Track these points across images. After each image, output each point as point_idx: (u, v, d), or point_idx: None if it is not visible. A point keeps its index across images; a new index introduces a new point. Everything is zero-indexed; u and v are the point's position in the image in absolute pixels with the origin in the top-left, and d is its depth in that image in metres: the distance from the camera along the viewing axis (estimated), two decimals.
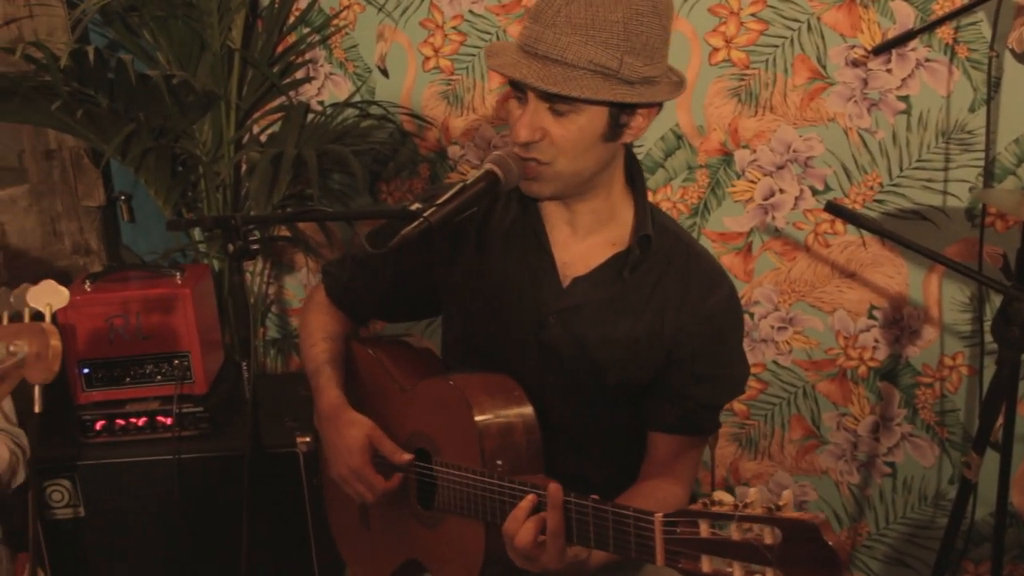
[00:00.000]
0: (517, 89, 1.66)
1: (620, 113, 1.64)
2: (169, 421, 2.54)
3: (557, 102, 1.61)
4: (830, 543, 1.16)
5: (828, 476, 2.95)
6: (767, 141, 2.75)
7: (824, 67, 2.67)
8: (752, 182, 2.80)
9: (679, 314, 1.76)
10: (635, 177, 1.81)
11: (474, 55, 2.89)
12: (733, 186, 2.81)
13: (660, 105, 1.69)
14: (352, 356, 2.03)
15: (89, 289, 2.54)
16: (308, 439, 2.49)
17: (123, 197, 3.06)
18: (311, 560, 2.58)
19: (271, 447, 2.50)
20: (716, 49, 2.73)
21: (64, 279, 2.94)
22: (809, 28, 2.65)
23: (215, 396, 2.61)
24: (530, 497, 1.54)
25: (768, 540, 1.20)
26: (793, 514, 1.20)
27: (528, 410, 1.72)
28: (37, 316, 1.52)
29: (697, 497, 1.37)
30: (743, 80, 2.73)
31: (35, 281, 2.85)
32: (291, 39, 2.99)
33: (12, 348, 1.46)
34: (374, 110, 2.96)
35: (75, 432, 2.55)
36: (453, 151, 3.00)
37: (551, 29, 1.59)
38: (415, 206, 1.61)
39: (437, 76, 2.95)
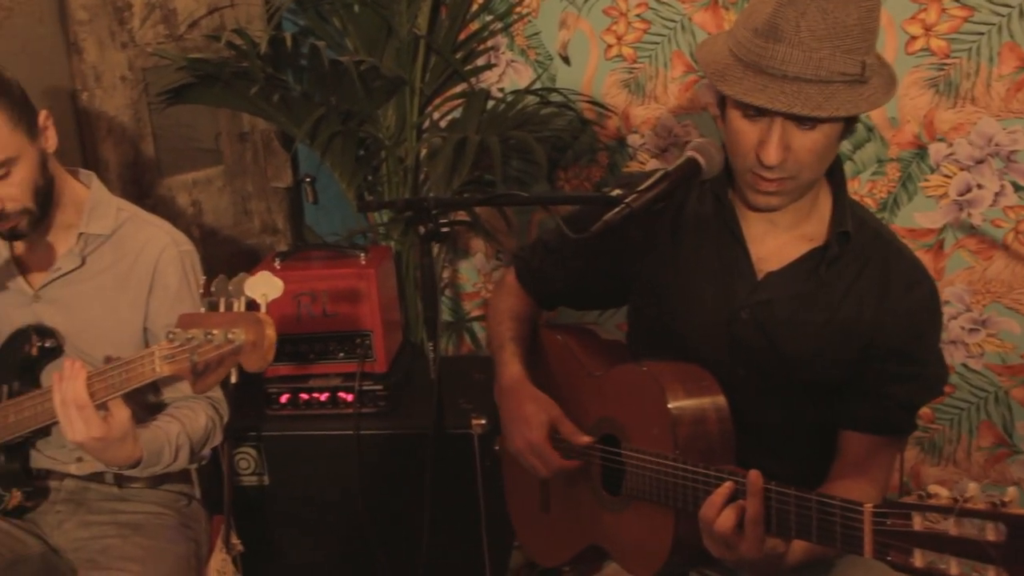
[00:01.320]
0: (751, 107, 1.60)
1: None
2: (350, 398, 2.61)
3: (807, 118, 1.57)
4: None
5: (1020, 487, 2.80)
6: (966, 134, 2.63)
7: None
8: (947, 176, 2.68)
9: (877, 311, 1.70)
10: (834, 171, 1.76)
11: (658, 43, 2.86)
12: (926, 180, 2.70)
13: None
14: (539, 341, 2.04)
15: (279, 267, 2.63)
16: (483, 421, 2.53)
17: (308, 179, 3.15)
18: (480, 540, 2.60)
19: (446, 428, 2.53)
20: (914, 37, 2.63)
21: (252, 257, 3.07)
22: (1021, 14, 2.51)
23: (394, 375, 2.67)
24: (728, 484, 1.51)
25: (991, 536, 1.14)
26: (1020, 510, 1.13)
27: (721, 400, 1.70)
28: (250, 305, 1.56)
29: None
30: (942, 70, 2.62)
31: (227, 259, 2.99)
32: (474, 27, 3.03)
33: (231, 335, 1.50)
34: (554, 98, 2.97)
35: (261, 403, 2.65)
36: (633, 139, 2.98)
37: (797, 48, 1.53)
38: (615, 192, 1.60)
39: (619, 64, 2.93)
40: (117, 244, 1.97)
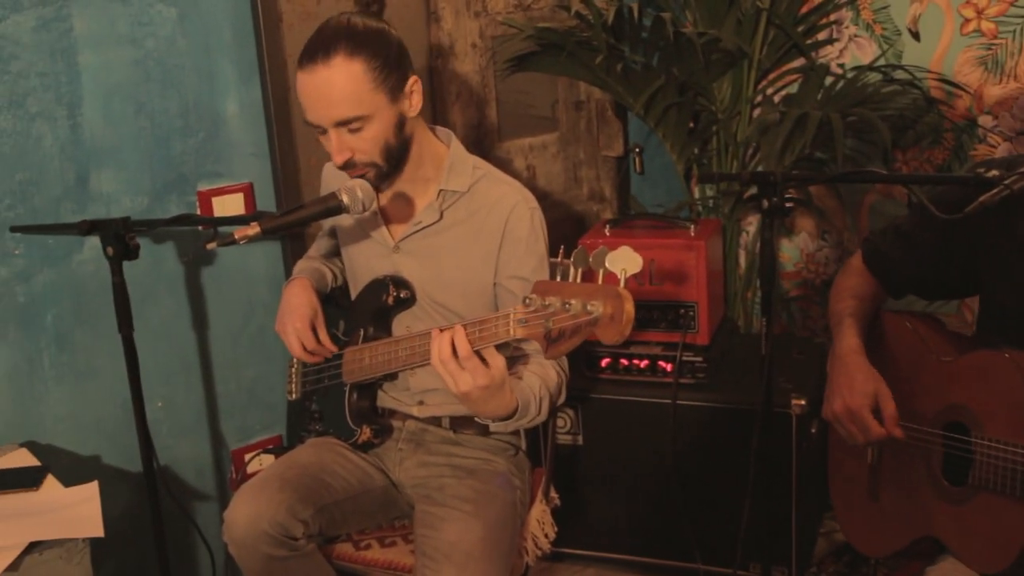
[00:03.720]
0: None
1: None
2: (669, 367, 2.63)
3: None
4: None
5: None
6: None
7: None
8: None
9: None
10: None
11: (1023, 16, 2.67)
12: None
13: None
14: (883, 324, 1.99)
15: (609, 234, 2.69)
16: (803, 402, 2.48)
17: (638, 150, 3.20)
18: (790, 522, 2.56)
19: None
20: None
21: (579, 223, 3.16)
22: None
23: (714, 349, 2.66)
24: None
25: None
26: None
27: None
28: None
29: None
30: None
31: (555, 224, 3.08)
32: (817, 0, 2.93)
33: (590, 307, 1.50)
34: (899, 75, 2.83)
35: (582, 365, 2.72)
36: (984, 121, 2.80)
37: None
38: (991, 173, 1.52)
39: (976, 40, 2.75)
40: (471, 199, 2.08)
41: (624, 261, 1.52)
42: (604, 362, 2.70)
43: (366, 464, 2.16)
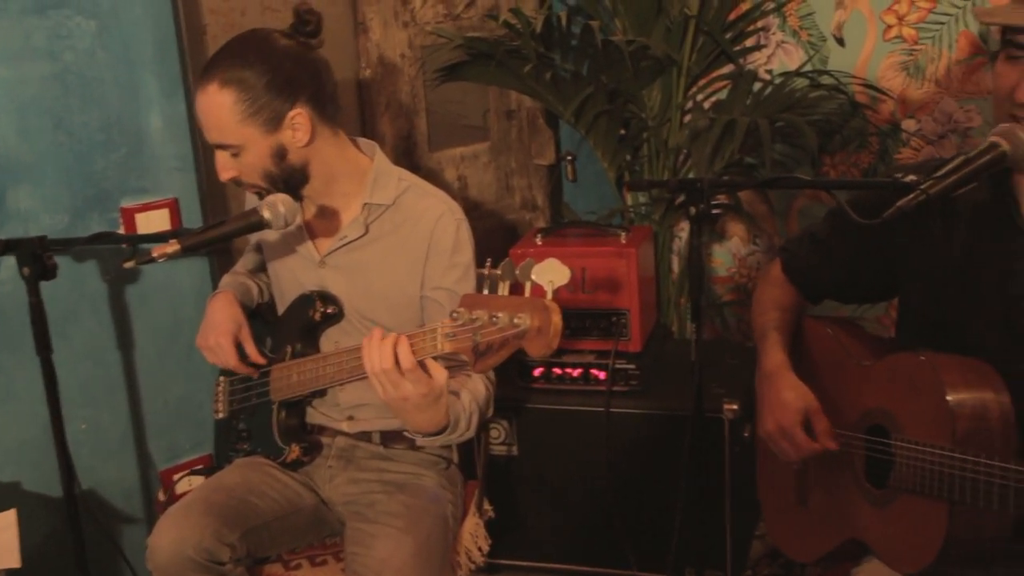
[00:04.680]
0: (1014, 47, 1.54)
1: None
2: (603, 375, 2.63)
3: None
4: None
5: None
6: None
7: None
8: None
9: None
10: None
11: (944, 23, 2.72)
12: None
13: None
14: (804, 331, 2.00)
15: (540, 243, 2.68)
16: (735, 406, 2.49)
17: (569, 157, 3.20)
18: (723, 526, 2.57)
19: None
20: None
21: (511, 232, 3.15)
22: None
23: (647, 355, 2.67)
24: None
25: None
26: None
27: (1005, 397, 1.60)
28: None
29: None
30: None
31: (487, 233, 3.07)
32: (745, 7, 2.97)
33: (516, 320, 1.49)
34: (825, 80, 2.87)
35: (515, 376, 2.71)
36: (908, 125, 2.85)
37: None
38: (909, 178, 1.54)
39: (898, 46, 2.80)
40: (397, 212, 2.06)
41: (551, 273, 1.52)
42: (537, 372, 2.69)
43: (295, 483, 2.13)
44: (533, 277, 1.50)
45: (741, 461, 2.53)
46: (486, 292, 1.58)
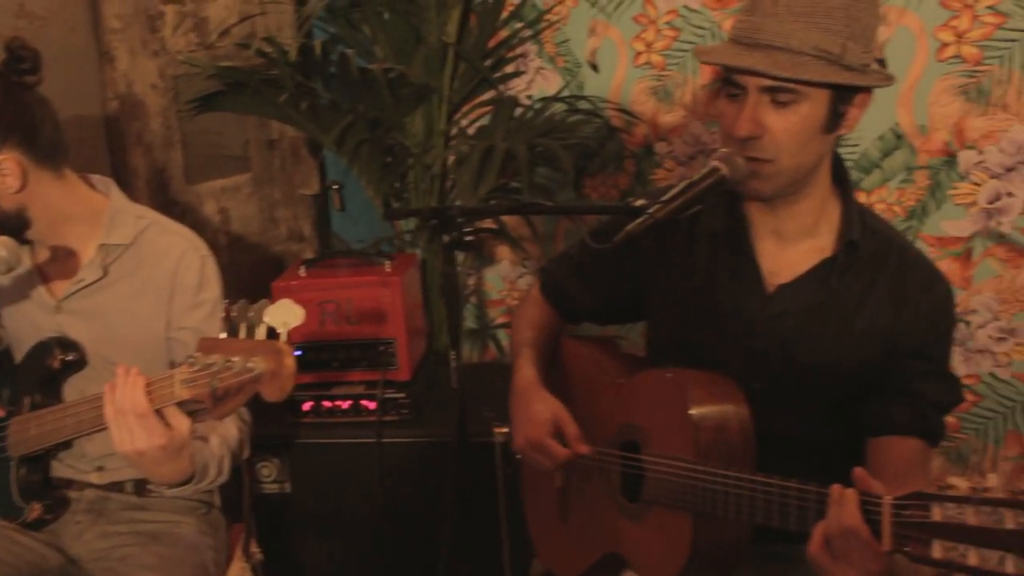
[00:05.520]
0: (732, 85, 1.62)
1: (839, 102, 1.60)
2: (373, 406, 2.61)
3: (780, 92, 1.57)
4: None
5: None
6: (996, 142, 2.59)
7: None
8: (976, 184, 2.64)
9: (897, 317, 1.68)
10: (842, 178, 1.74)
11: (687, 51, 2.84)
12: (955, 188, 2.66)
13: (872, 94, 1.63)
14: (562, 350, 2.04)
15: (304, 275, 2.64)
16: (505, 430, 2.51)
17: (336, 186, 3.16)
18: (501, 548, 2.59)
19: (468, 436, 2.52)
20: (945, 44, 2.60)
21: (278, 264, 3.08)
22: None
23: (417, 383, 2.66)
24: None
25: (1009, 524, 1.12)
26: None
27: (744, 409, 1.68)
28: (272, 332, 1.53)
29: None
30: (973, 77, 2.59)
31: (253, 267, 2.99)
32: (503, 34, 3.01)
33: (250, 364, 1.48)
34: (582, 105, 2.96)
35: (284, 411, 2.64)
36: (660, 147, 2.96)
37: (771, 18, 1.56)
38: (639, 202, 1.60)
39: (648, 72, 2.91)
40: (138, 251, 1.98)
41: (285, 314, 1.51)
42: (306, 406, 2.64)
43: (38, 544, 1.99)
44: (266, 319, 1.49)
45: (515, 484, 2.56)
46: (224, 335, 1.55)
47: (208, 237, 2.11)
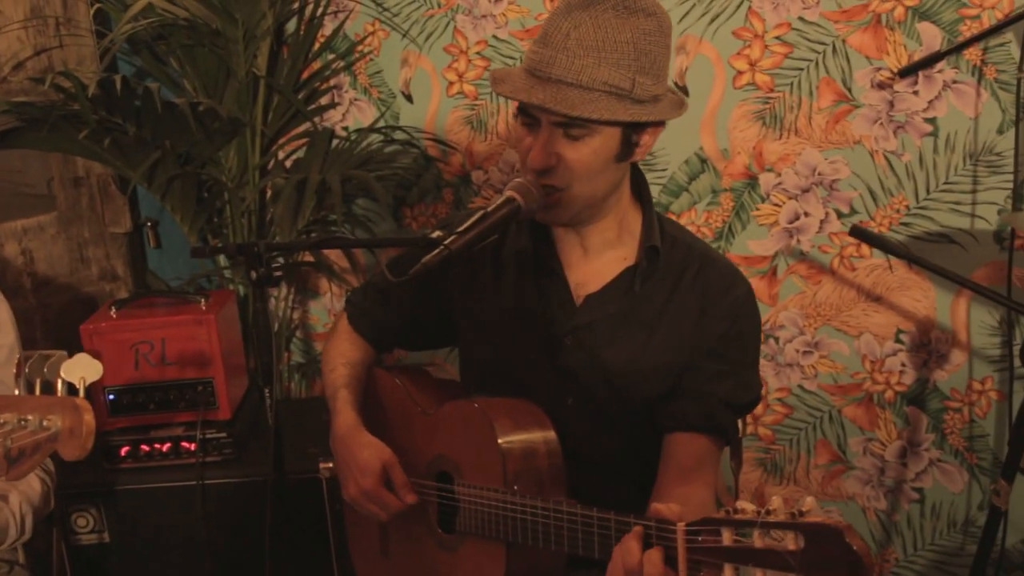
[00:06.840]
0: (527, 115, 1.66)
1: (632, 132, 1.66)
2: (193, 447, 2.54)
3: (572, 126, 1.61)
4: (854, 547, 1.14)
5: (855, 502, 2.92)
6: (792, 164, 2.74)
7: (850, 90, 2.67)
8: (777, 205, 2.78)
9: (699, 319, 1.75)
10: (642, 190, 1.81)
11: None
12: (758, 209, 2.80)
13: (664, 123, 1.70)
14: (374, 382, 2.03)
15: (115, 316, 2.55)
16: (331, 465, 2.48)
17: (149, 223, 3.09)
18: None
19: (294, 473, 2.48)
20: (740, 72, 2.74)
21: (91, 305, 2.97)
22: (834, 51, 2.65)
23: (239, 422, 2.61)
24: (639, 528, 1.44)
25: (791, 546, 1.18)
26: (816, 518, 1.17)
27: (551, 434, 1.71)
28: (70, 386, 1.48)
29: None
30: (768, 103, 2.73)
31: (63, 308, 2.88)
32: (316, 66, 3.01)
33: (46, 423, 1.40)
34: (398, 135, 2.98)
35: (100, 458, 2.55)
36: (477, 176, 3.00)
37: (562, 53, 1.59)
38: (435, 234, 1.61)
39: (461, 101, 2.95)
40: None
41: (82, 369, 1.46)
42: (124, 451, 2.55)
43: None
44: (62, 375, 1.44)
45: (344, 520, 2.53)
46: (18, 392, 1.49)
47: (10, 280, 2.03)
